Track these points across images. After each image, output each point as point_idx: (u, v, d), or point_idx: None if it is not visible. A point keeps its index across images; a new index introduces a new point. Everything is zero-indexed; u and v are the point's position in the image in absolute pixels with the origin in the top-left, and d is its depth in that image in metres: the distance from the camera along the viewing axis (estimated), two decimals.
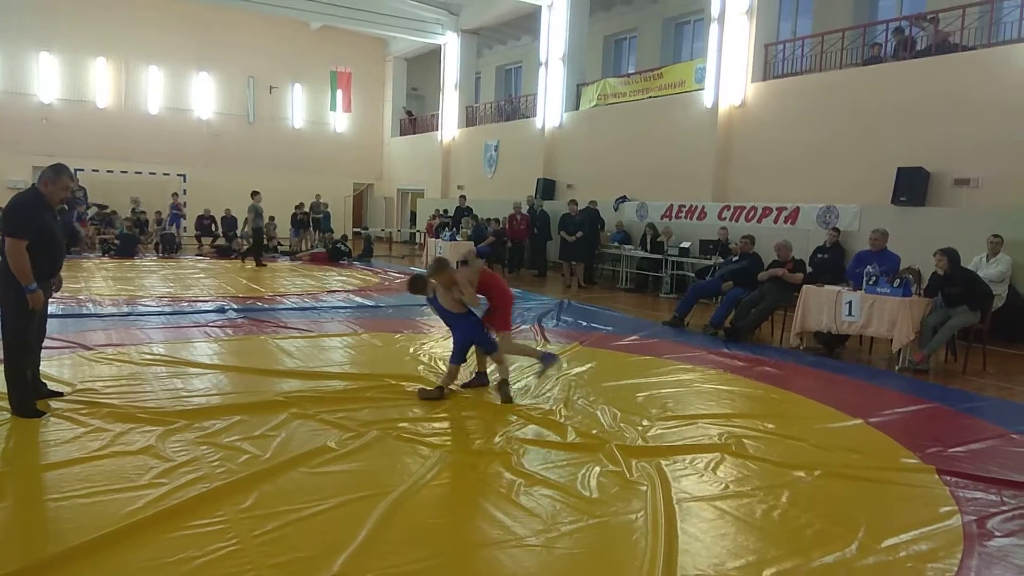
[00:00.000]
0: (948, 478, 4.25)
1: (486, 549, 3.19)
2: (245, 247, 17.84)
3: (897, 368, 7.47)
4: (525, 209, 16.36)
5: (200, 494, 3.53)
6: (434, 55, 24.00)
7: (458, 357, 5.65)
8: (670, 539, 3.26)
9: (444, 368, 5.97)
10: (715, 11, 13.93)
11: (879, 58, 12.05)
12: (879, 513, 3.74)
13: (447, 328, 5.97)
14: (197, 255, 17.79)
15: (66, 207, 15.84)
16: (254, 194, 15.74)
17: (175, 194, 20.39)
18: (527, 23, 20.24)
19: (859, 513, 3.70)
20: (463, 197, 19.30)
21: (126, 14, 22.12)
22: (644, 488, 3.87)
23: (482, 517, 3.52)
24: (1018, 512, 3.81)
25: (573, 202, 14.95)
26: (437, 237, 17.24)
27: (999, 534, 3.54)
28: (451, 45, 22.66)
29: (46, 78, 21.69)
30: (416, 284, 5.76)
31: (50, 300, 5.00)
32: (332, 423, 4.78)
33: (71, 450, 4.11)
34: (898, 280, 7.56)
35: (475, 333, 5.71)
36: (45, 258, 4.71)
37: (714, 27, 13.95)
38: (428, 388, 5.63)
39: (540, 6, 18.45)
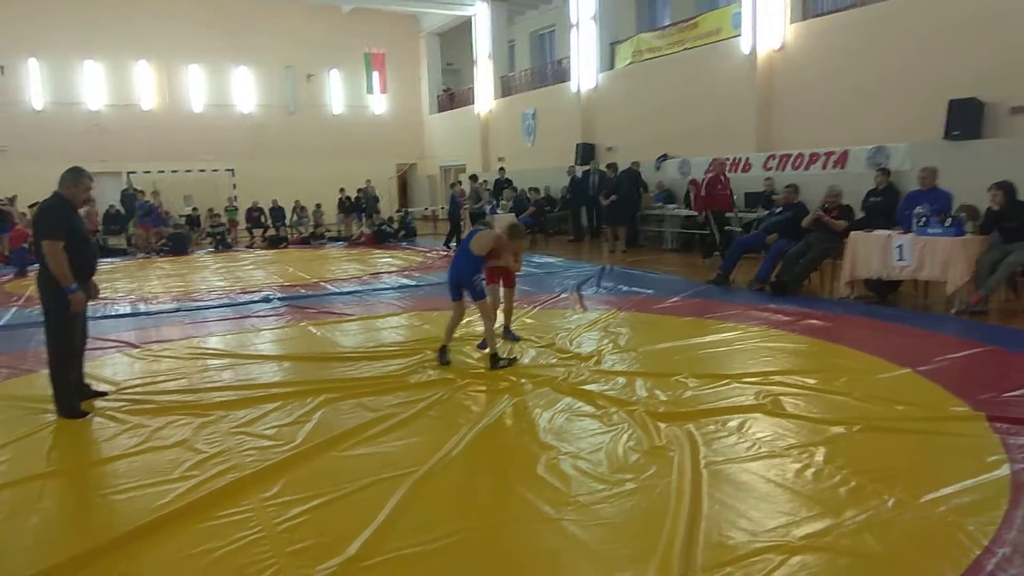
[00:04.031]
0: (1000, 425, 4.02)
1: (505, 526, 3.16)
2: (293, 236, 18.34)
3: (953, 311, 7.12)
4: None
5: (228, 484, 3.59)
6: (466, 27, 23.73)
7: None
8: (694, 507, 3.17)
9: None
10: None
11: None
12: (920, 466, 3.58)
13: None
14: (248, 247, 18.18)
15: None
16: (473, 177, 16.70)
17: (139, 191, 19.07)
18: None
19: (899, 467, 3.54)
20: (502, 169, 19.17)
21: (163, 16, 22.50)
22: (672, 454, 3.78)
23: (505, 492, 3.49)
24: None
25: (610, 165, 14.67)
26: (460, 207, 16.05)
27: None
28: (481, 15, 22.36)
29: (92, 86, 22.30)
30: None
31: (99, 302, 5.15)
32: (364, 406, 4.81)
33: (110, 448, 4.24)
34: (949, 219, 7.18)
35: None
36: (79, 259, 4.82)
37: None
38: (498, 358, 5.68)
39: None
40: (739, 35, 13.83)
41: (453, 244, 15.49)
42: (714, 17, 14.99)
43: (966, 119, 10.11)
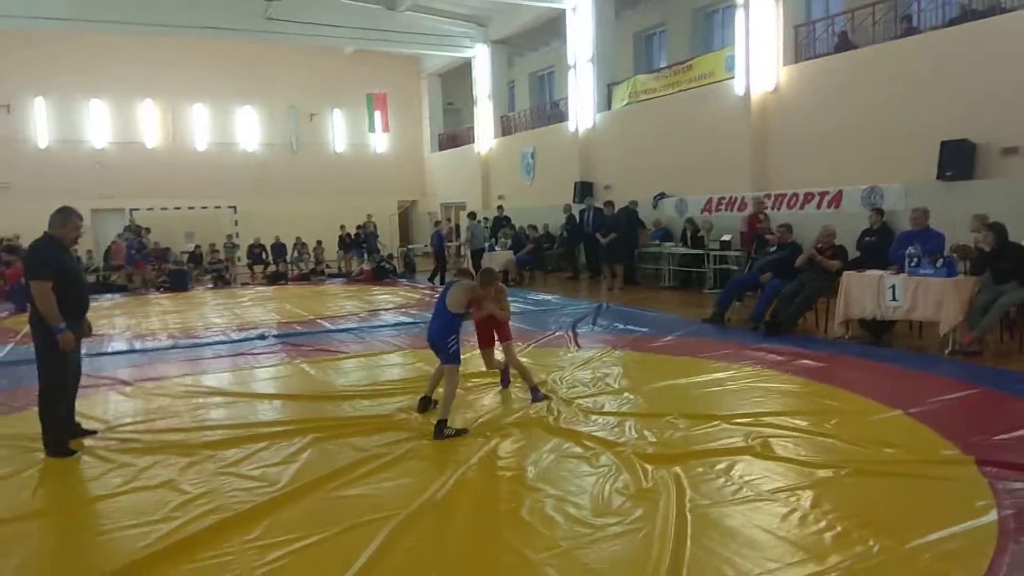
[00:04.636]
0: (989, 469, 4.00)
1: (486, 571, 3.14)
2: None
3: (947, 352, 7.12)
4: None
5: (210, 526, 3.58)
6: (467, 68, 24.12)
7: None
8: (677, 553, 3.15)
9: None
10: None
11: (914, 29, 11.57)
12: (907, 511, 3.55)
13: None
14: (245, 283, 18.25)
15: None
16: (471, 215, 17.24)
17: (129, 228, 19.11)
18: (555, 27, 20.13)
19: (885, 512, 3.52)
20: (500, 207, 19.33)
21: (169, 57, 22.88)
22: (658, 497, 3.76)
23: (488, 536, 3.46)
24: None
25: (608, 203, 14.78)
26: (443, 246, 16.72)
27: None
28: (481, 57, 22.74)
29: (97, 124, 22.62)
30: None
31: (95, 339, 5.09)
32: (352, 446, 4.80)
33: (96, 487, 4.23)
34: (941, 260, 7.21)
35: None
36: (70, 297, 4.86)
37: (740, 13, 13.62)
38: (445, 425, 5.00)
39: (564, 10, 18.36)
40: (732, 77, 14.03)
41: (438, 281, 15.72)
42: (708, 60, 15.24)
43: (958, 160, 10.20)
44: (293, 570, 3.14)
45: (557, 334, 8.88)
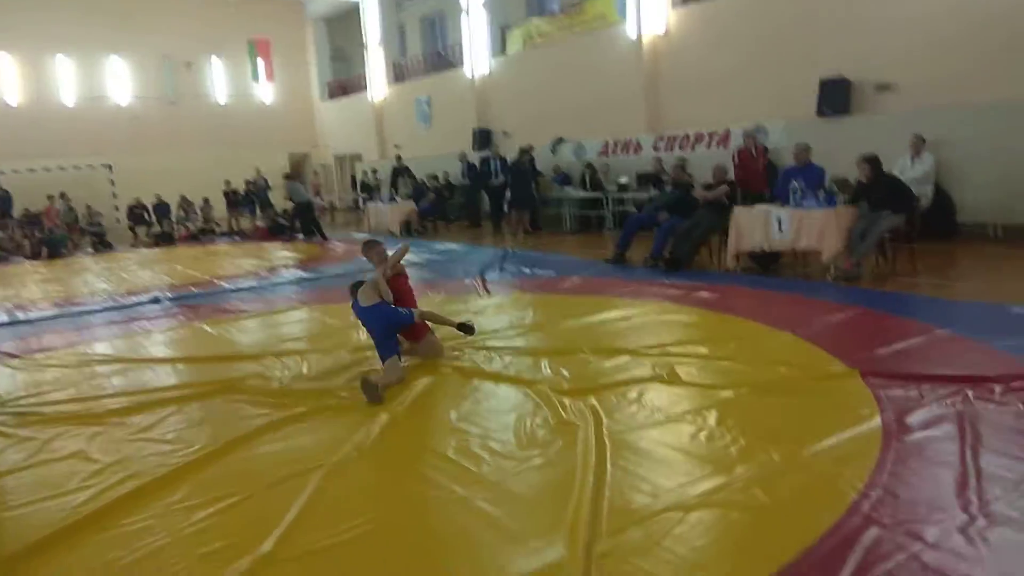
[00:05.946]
0: (872, 380, 4.38)
1: (418, 509, 3.22)
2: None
3: (829, 278, 7.64)
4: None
5: (128, 493, 3.48)
6: (354, 13, 23.29)
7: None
8: (599, 476, 3.32)
9: None
10: None
11: None
12: (802, 422, 3.86)
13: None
14: (132, 247, 17.31)
15: None
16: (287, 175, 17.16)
17: None
18: None
19: (783, 425, 3.82)
20: (398, 157, 19.00)
21: (24, 4, 20.94)
22: (577, 427, 3.92)
23: (414, 477, 3.54)
24: (936, 404, 3.95)
25: (524, 150, 14.51)
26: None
27: (916, 428, 3.67)
28: (369, 0, 21.98)
29: None
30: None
31: None
32: (267, 403, 4.73)
33: None
34: (822, 192, 7.68)
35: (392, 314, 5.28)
36: None
37: None
38: (370, 382, 4.68)
39: None
40: (624, 21, 14.18)
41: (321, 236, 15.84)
42: (599, 3, 15.33)
43: (836, 97, 10.79)
44: (223, 528, 3.11)
45: (466, 281, 8.94)
